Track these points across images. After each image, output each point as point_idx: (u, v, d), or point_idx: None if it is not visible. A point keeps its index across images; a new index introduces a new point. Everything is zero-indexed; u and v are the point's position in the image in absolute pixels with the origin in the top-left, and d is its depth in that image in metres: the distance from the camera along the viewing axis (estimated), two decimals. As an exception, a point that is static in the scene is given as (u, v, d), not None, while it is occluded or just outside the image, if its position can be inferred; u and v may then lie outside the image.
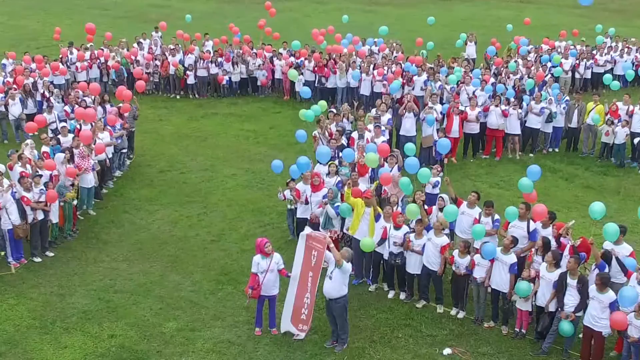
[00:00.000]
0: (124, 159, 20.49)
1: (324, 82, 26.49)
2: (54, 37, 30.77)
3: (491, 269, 12.71)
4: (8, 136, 23.01)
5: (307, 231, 12.61)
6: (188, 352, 12.15)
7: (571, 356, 12.16)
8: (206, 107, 26.81)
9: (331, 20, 34.08)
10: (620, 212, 17.82)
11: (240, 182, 19.73)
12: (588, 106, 22.13)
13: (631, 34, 36.42)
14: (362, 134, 18.57)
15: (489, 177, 20.22)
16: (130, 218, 17.45)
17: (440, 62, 26.86)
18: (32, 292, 14.04)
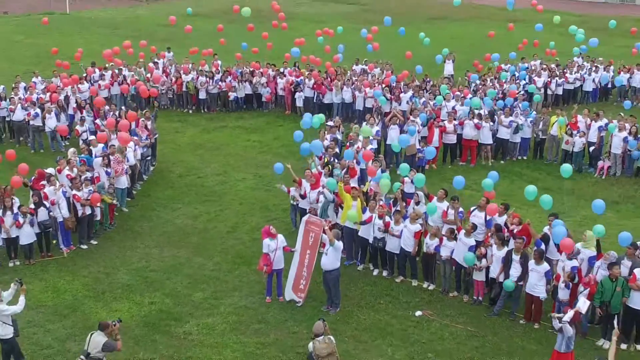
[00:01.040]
0: (148, 165, 23.72)
1: (322, 98, 29.75)
2: (75, 56, 33.91)
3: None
4: (44, 146, 26.20)
5: (307, 217, 15.87)
6: (213, 314, 15.34)
7: (517, 317, 15.35)
8: (216, 121, 30.01)
9: (328, 40, 37.14)
10: (573, 208, 21.06)
11: (249, 184, 22.95)
12: (552, 119, 25.34)
13: (612, 53, 39.73)
14: (352, 142, 21.83)
15: (465, 180, 23.34)
16: (158, 214, 20.65)
17: (427, 80, 30.14)
18: (83, 271, 17.25)
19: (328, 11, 69.57)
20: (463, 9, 69.94)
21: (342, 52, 31.35)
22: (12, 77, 38.20)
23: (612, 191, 22.51)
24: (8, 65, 43.35)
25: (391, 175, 21.06)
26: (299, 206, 19.01)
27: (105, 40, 51.94)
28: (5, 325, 13.08)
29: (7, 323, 13.10)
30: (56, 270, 17.28)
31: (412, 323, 15.22)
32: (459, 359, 14.06)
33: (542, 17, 47.88)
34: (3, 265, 17.49)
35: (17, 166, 19.58)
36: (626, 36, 55.25)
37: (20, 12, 67.89)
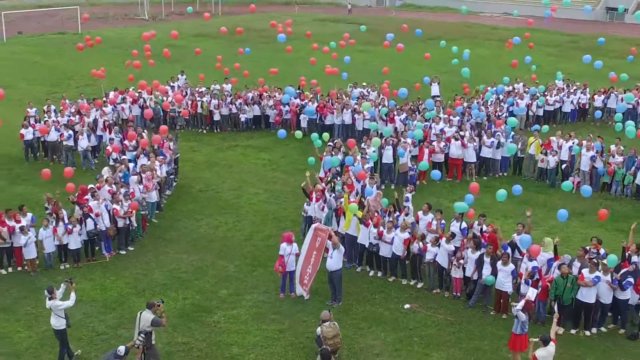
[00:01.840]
0: (172, 182, 26.88)
1: (324, 119, 32.95)
2: (99, 74, 36.84)
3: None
4: (75, 164, 29.30)
5: (316, 224, 19.08)
6: (237, 307, 18.51)
7: (488, 309, 18.52)
8: (229, 140, 33.18)
9: (330, 59, 40.19)
10: (544, 219, 24.26)
11: (261, 198, 26.10)
12: (529, 140, 28.51)
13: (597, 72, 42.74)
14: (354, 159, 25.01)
15: (450, 195, 26.52)
16: (183, 224, 23.81)
17: (419, 103, 33.32)
18: (124, 272, 20.41)
19: (328, 31, 72.39)
20: (457, 28, 73.24)
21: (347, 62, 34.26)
22: (34, 98, 41.52)
23: (580, 204, 25.57)
24: (28, 86, 46.24)
25: (386, 191, 24.55)
26: (304, 215, 22.18)
27: (118, 60, 54.80)
28: (59, 318, 16.15)
29: (61, 316, 16.17)
30: (101, 272, 20.43)
31: (402, 314, 18.39)
32: (439, 342, 17.23)
33: (535, 36, 50.95)
34: (55, 268, 20.63)
35: (56, 181, 22.90)
36: (610, 56, 58.38)
37: (34, 32, 70.86)
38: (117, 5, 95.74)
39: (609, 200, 26.24)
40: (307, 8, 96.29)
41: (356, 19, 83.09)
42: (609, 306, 17.56)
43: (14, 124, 35.67)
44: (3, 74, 49.54)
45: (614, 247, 19.49)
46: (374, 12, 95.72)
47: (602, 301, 17.39)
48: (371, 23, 78.13)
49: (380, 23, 77.11)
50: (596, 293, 17.29)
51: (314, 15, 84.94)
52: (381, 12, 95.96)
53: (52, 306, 16.01)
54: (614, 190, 26.59)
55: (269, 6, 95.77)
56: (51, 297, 16.08)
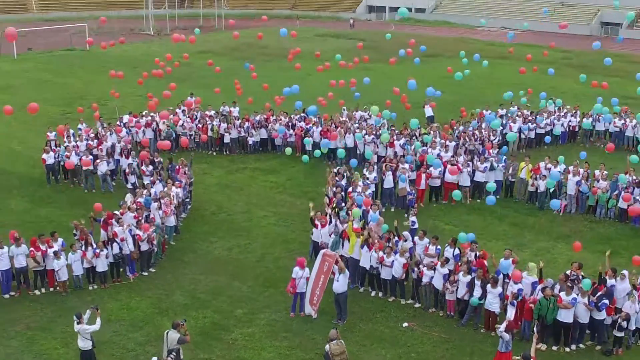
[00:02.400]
0: (187, 205, 28.84)
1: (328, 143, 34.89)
2: (116, 95, 38.84)
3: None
4: (95, 187, 31.25)
5: (324, 250, 21.09)
6: (252, 326, 20.48)
7: (478, 327, 20.50)
8: (237, 162, 35.14)
9: (331, 77, 41.96)
10: (532, 241, 26.27)
11: (270, 221, 28.05)
12: (520, 165, 30.48)
13: (588, 91, 44.79)
14: (354, 187, 26.98)
15: (446, 217, 28.51)
16: (199, 246, 25.77)
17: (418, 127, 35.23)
18: (147, 293, 22.38)
19: (328, 47, 74.12)
20: (454, 44, 74.89)
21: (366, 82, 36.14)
22: (48, 119, 43.55)
23: (566, 226, 27.60)
24: (42, 106, 47.48)
25: (386, 214, 26.56)
26: (313, 239, 24.18)
27: (127, 79, 56.60)
28: (86, 340, 18.10)
29: (87, 338, 18.11)
30: (127, 292, 22.40)
31: (400, 332, 20.40)
32: (434, 358, 19.23)
33: (529, 52, 52.51)
34: (84, 289, 22.60)
35: (78, 204, 25.26)
36: (604, 74, 60.00)
37: (43, 49, 72.82)
38: (122, 19, 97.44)
39: (594, 222, 28.17)
40: (308, 22, 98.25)
41: (356, 34, 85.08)
42: (586, 325, 19.55)
43: (32, 144, 38.00)
44: (17, 94, 51.29)
45: (596, 269, 21.43)
46: (373, 26, 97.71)
47: (580, 321, 19.37)
48: (371, 39, 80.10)
49: (379, 39, 78.87)
50: (574, 313, 19.25)
51: (315, 30, 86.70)
52: (380, 26, 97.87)
53: (80, 330, 17.97)
54: (599, 212, 28.53)
55: (270, 20, 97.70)
56: (79, 322, 18.02)
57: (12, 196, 30.58)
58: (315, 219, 23.80)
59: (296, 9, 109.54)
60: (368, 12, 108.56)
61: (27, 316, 21.11)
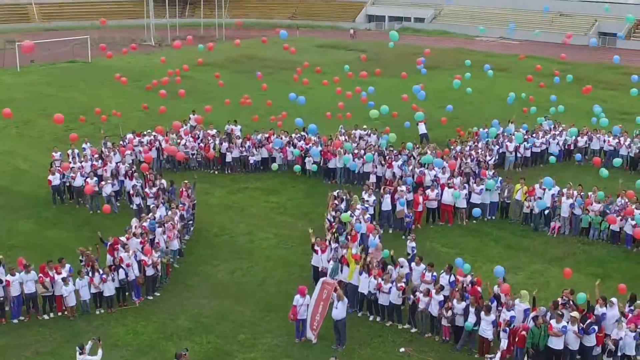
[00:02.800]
0: (190, 227, 29.57)
1: (327, 162, 35.65)
2: (118, 114, 39.55)
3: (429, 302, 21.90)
4: (100, 207, 31.89)
5: (324, 279, 21.84)
6: (255, 351, 21.24)
7: (473, 352, 21.23)
8: (239, 182, 35.84)
9: (331, 91, 42.77)
10: (526, 264, 27.00)
11: (272, 243, 28.77)
12: (515, 187, 31.20)
13: (582, 105, 45.50)
14: (353, 211, 27.70)
15: (443, 239, 29.21)
16: (202, 269, 26.49)
17: (417, 147, 36.04)
18: (153, 317, 23.11)
19: (329, 59, 74.79)
20: (453, 55, 75.50)
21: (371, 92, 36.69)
22: (53, 136, 44.31)
23: (560, 249, 28.28)
24: (46, 122, 48.40)
25: (384, 236, 27.31)
26: (312, 264, 24.93)
27: (130, 93, 57.32)
28: None
29: None
30: (133, 317, 23.13)
31: (397, 357, 21.16)
32: (430, 382, 20.02)
33: (527, 65, 53.08)
34: (91, 313, 23.33)
35: (83, 225, 26.77)
36: (600, 87, 60.43)
37: (46, 61, 73.39)
38: (123, 28, 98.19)
39: (587, 244, 28.86)
40: (308, 31, 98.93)
41: (356, 45, 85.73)
42: (577, 352, 20.28)
43: (38, 162, 38.77)
44: (21, 108, 51.75)
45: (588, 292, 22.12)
46: (373, 36, 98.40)
47: (570, 348, 20.12)
48: (371, 50, 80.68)
49: (379, 50, 79.34)
50: (564, 340, 19.99)
51: (315, 41, 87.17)
52: (380, 36, 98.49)
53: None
54: (592, 234, 29.25)
55: (270, 30, 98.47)
56: (81, 353, 18.74)
57: (19, 217, 31.24)
58: (315, 245, 24.52)
59: (296, 18, 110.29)
60: (367, 22, 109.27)
61: (36, 341, 21.87)
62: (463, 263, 22.66)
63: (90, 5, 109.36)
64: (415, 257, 24.60)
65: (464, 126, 41.07)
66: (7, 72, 67.96)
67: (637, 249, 28.29)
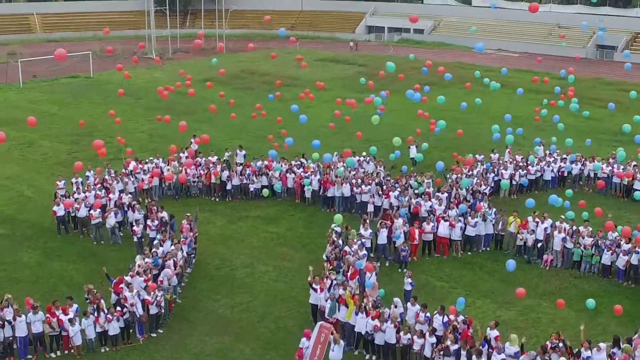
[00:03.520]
0: (192, 259, 30.34)
1: (326, 191, 36.42)
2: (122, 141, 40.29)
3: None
4: (104, 238, 32.72)
5: (321, 323, 22.64)
6: (255, 391, 22.05)
7: (466, 393, 22.04)
8: (240, 210, 36.56)
9: (331, 108, 43.39)
10: (518, 299, 27.66)
11: (271, 277, 29.50)
12: (509, 219, 31.96)
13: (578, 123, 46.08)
14: (351, 246, 28.46)
15: (438, 272, 29.94)
16: (204, 304, 27.24)
17: (414, 175, 36.78)
18: (156, 355, 23.89)
19: (328, 75, 75.48)
20: (451, 69, 75.03)
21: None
22: (56, 159, 45.06)
23: (551, 283, 28.97)
24: (50, 144, 49.29)
25: (381, 268, 28.12)
26: (311, 302, 25.70)
27: (132, 112, 57.99)
28: None
29: None
30: (137, 355, 23.89)
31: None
32: None
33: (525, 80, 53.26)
34: (97, 351, 24.10)
35: (88, 257, 28.41)
36: (596, 105, 60.83)
37: (48, 76, 74.15)
38: (124, 39, 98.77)
39: (578, 278, 29.58)
40: (308, 42, 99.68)
41: (356, 59, 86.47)
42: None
43: (42, 188, 39.53)
44: (24, 129, 52.10)
45: (577, 330, 22.96)
46: (373, 48, 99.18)
47: (560, 391, 20.94)
48: (371, 64, 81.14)
49: (380, 65, 79.74)
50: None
51: (315, 54, 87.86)
52: (380, 48, 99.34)
53: None
54: (583, 268, 29.99)
55: (270, 41, 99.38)
56: None
57: (24, 248, 31.90)
58: (313, 283, 25.30)
59: (295, 29, 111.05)
60: (367, 33, 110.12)
61: (44, 379, 22.65)
62: (464, 302, 23.52)
63: (91, 15, 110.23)
64: (411, 294, 25.37)
65: (460, 150, 41.65)
66: (10, 88, 68.72)
67: (627, 283, 28.97)
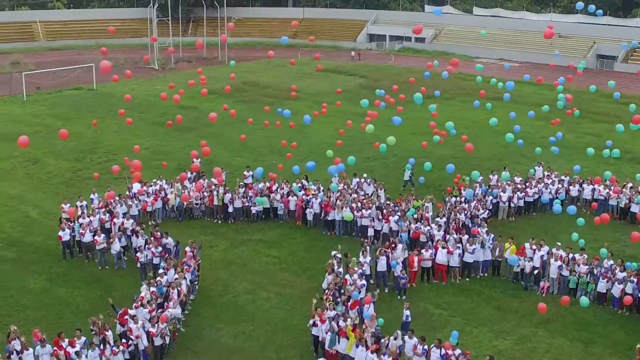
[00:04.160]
0: (195, 287, 30.90)
1: (327, 215, 36.99)
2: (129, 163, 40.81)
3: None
4: (109, 263, 33.25)
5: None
6: None
7: None
8: (241, 233, 37.08)
9: (332, 126, 43.97)
10: (515, 327, 28.31)
11: (273, 304, 30.01)
12: (505, 245, 32.53)
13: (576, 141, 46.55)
14: (351, 275, 29.01)
15: (436, 299, 30.47)
16: (206, 333, 27.79)
17: (414, 197, 37.38)
18: (160, 387, 24.50)
19: (329, 87, 75.90)
20: (450, 81, 75.69)
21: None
22: (61, 178, 45.61)
23: (547, 310, 29.41)
24: (54, 161, 49.71)
25: (380, 295, 28.72)
26: (312, 334, 26.29)
27: (135, 127, 58.14)
28: None
29: None
30: (142, 387, 24.53)
31: None
32: None
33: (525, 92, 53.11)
34: (103, 383, 24.75)
35: (92, 282, 28.89)
36: (596, 120, 61.22)
37: (51, 88, 74.67)
38: (127, 48, 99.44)
39: (574, 305, 30.03)
40: (309, 51, 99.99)
41: (357, 70, 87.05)
42: None
43: (47, 208, 40.10)
44: (30, 146, 52.54)
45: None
46: (374, 57, 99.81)
47: None
48: (372, 76, 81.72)
49: (380, 76, 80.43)
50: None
51: (316, 64, 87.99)
52: (381, 58, 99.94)
53: None
54: (579, 295, 30.51)
55: (272, 49, 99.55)
56: None
57: (30, 273, 32.41)
58: (315, 314, 25.89)
59: (297, 37, 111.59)
60: (369, 41, 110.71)
61: (50, 411, 23.23)
62: (457, 336, 24.09)
63: (94, 23, 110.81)
64: (409, 325, 25.96)
65: (461, 168, 42.04)
66: (14, 101, 69.23)
67: (622, 311, 29.51)
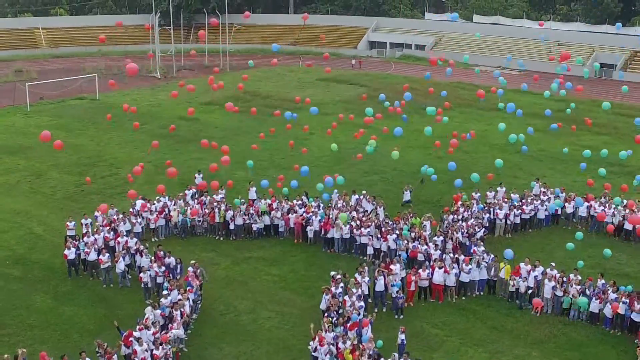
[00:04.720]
0: (198, 305, 31.61)
1: (327, 233, 37.69)
2: (130, 179, 41.70)
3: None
4: (114, 281, 33.97)
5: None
6: None
7: None
8: (243, 250, 37.73)
9: (331, 140, 44.61)
10: (509, 347, 29.01)
11: (273, 323, 30.69)
12: (500, 265, 33.22)
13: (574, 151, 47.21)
14: (350, 296, 29.74)
15: (432, 318, 31.14)
16: (209, 354, 28.45)
17: (412, 215, 38.09)
18: (164, 409, 25.22)
19: (329, 96, 76.73)
20: (450, 92, 76.23)
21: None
22: (65, 192, 46.26)
23: (541, 330, 30.11)
24: (58, 175, 50.35)
25: (378, 316, 29.38)
26: (312, 355, 27.01)
27: (138, 139, 59.00)
28: None
29: None
30: (146, 409, 25.25)
31: None
32: None
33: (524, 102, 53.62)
34: (108, 404, 25.49)
35: (97, 302, 29.73)
36: (594, 132, 61.35)
37: (54, 98, 75.37)
38: (128, 54, 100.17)
39: (567, 325, 30.77)
40: (309, 58, 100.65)
41: (358, 79, 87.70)
42: None
43: (52, 225, 40.77)
44: (33, 158, 53.77)
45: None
46: (374, 65, 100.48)
47: None
48: (372, 85, 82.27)
49: (380, 86, 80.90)
50: None
51: (317, 73, 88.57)
52: (381, 66, 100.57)
53: None
54: (572, 315, 31.25)
55: (274, 56, 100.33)
56: None
57: (36, 291, 33.10)
58: (315, 337, 26.63)
59: (298, 44, 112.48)
60: (369, 49, 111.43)
61: None
62: None
63: (97, 30, 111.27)
64: (405, 348, 26.70)
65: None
66: (18, 112, 69.88)
67: (613, 331, 30.21)
